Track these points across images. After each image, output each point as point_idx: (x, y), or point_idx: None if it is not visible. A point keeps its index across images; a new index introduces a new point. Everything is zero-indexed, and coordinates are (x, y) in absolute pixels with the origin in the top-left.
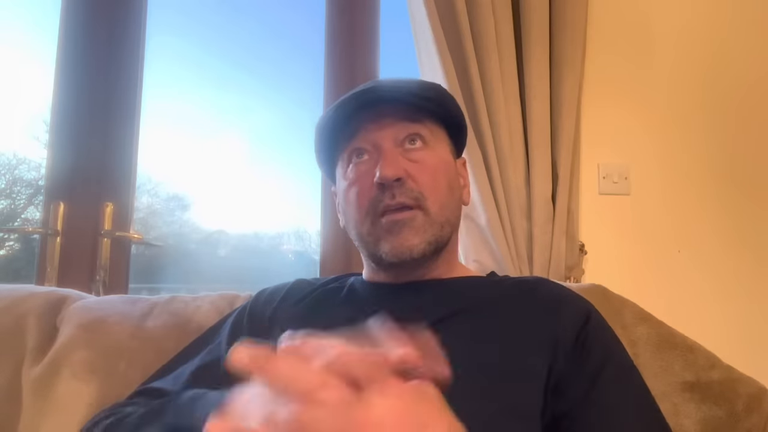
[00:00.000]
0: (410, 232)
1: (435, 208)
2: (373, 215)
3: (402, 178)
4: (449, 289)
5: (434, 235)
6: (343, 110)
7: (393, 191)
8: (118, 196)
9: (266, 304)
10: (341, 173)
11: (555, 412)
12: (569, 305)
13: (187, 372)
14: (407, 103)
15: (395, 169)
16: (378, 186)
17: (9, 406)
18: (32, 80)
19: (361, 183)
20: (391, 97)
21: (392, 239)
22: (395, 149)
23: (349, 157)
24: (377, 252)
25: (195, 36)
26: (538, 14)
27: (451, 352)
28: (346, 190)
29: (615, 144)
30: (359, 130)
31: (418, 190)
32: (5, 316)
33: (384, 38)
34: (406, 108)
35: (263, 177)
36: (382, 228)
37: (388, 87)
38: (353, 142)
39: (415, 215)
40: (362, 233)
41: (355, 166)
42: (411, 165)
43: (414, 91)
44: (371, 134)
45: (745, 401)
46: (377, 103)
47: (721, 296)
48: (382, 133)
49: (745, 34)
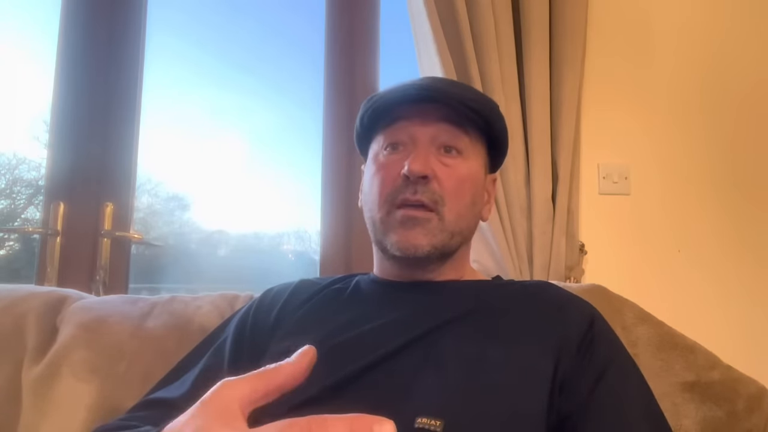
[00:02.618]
0: (421, 232)
1: (451, 216)
2: (390, 205)
3: (428, 177)
4: (455, 291)
5: (443, 241)
6: (400, 97)
7: (416, 187)
8: (118, 196)
9: (271, 305)
10: (372, 154)
11: (560, 413)
12: (573, 309)
13: (191, 378)
14: (458, 110)
15: (424, 165)
16: (403, 178)
17: (9, 406)
18: (32, 80)
19: (387, 170)
20: (446, 101)
21: (402, 233)
22: (431, 149)
23: (385, 144)
24: (384, 240)
25: (195, 36)
26: (538, 14)
27: (457, 354)
28: (372, 174)
29: (615, 144)
30: (402, 120)
31: (440, 194)
32: (5, 316)
33: (384, 39)
34: (455, 113)
35: (263, 177)
36: (396, 219)
37: (447, 86)
38: (393, 131)
39: (431, 218)
40: (375, 219)
41: (389, 153)
42: (441, 167)
43: (471, 97)
44: (412, 127)
45: (745, 401)
46: (432, 100)
47: (721, 296)
48: (423, 130)
49: (746, 35)
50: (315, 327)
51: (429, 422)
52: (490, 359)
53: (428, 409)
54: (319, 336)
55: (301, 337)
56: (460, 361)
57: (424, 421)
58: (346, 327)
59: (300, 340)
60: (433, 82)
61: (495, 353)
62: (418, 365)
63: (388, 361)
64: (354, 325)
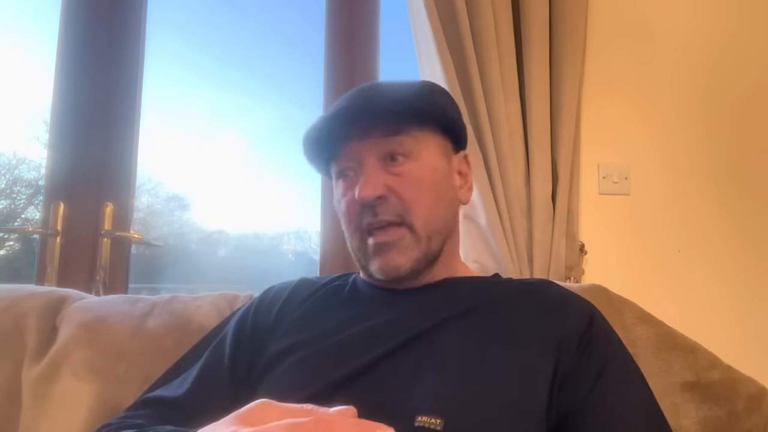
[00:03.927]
0: (397, 253)
1: (420, 223)
2: (360, 232)
3: (383, 196)
4: (454, 289)
5: (422, 251)
6: (328, 124)
7: (375, 209)
8: (118, 196)
9: (272, 304)
10: (333, 184)
11: (559, 412)
12: (573, 307)
13: (191, 377)
14: (391, 113)
15: (374, 187)
16: (359, 204)
17: (9, 406)
18: (32, 80)
19: (346, 199)
20: (373, 110)
21: (379, 260)
22: (377, 164)
23: (337, 174)
24: (368, 268)
25: (195, 36)
26: (538, 14)
27: (456, 352)
28: (337, 203)
29: (615, 144)
30: (344, 145)
31: (402, 206)
32: (5, 316)
33: (384, 39)
34: (390, 118)
35: (263, 177)
36: (370, 247)
37: (372, 97)
38: (339, 159)
39: (402, 235)
40: (353, 248)
41: (343, 181)
42: (393, 179)
43: (398, 98)
44: (354, 150)
45: (745, 401)
46: (360, 118)
47: (721, 296)
48: (365, 149)
49: (746, 34)
50: (314, 325)
51: (429, 421)
52: (490, 358)
53: (428, 408)
54: (318, 333)
55: (301, 335)
56: (459, 359)
57: (424, 419)
58: (346, 325)
59: (300, 338)
60: (362, 93)
61: (494, 352)
62: (417, 364)
63: (388, 360)
64: (354, 323)
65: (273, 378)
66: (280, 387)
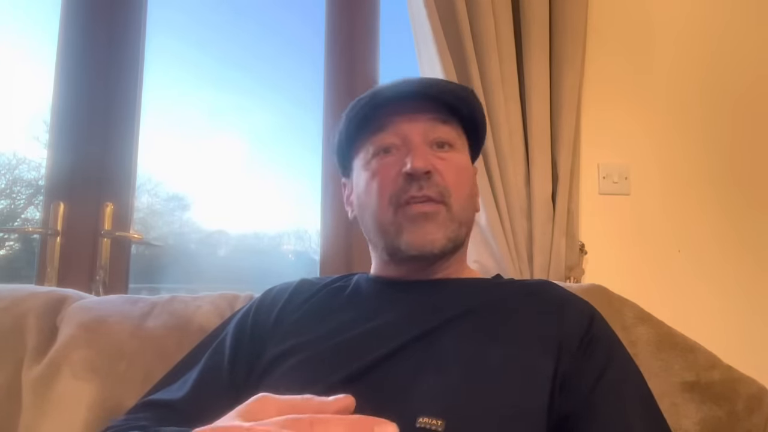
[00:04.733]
0: (434, 226)
1: (457, 207)
2: (396, 204)
3: (431, 172)
4: (455, 289)
5: (454, 232)
6: (376, 100)
7: (420, 183)
8: (118, 196)
9: (272, 305)
10: (361, 164)
11: (560, 413)
12: (573, 308)
13: (191, 380)
14: (441, 103)
15: (425, 162)
16: (405, 177)
17: (9, 405)
18: (32, 80)
19: (385, 173)
20: (425, 93)
21: (415, 230)
22: (425, 145)
23: (376, 150)
24: (397, 243)
25: (195, 36)
26: (538, 14)
27: (457, 353)
28: (368, 181)
29: (615, 144)
30: (389, 124)
31: (444, 186)
32: (5, 316)
33: (384, 39)
34: (440, 106)
35: (263, 177)
36: (406, 217)
37: (430, 84)
38: (382, 136)
39: (440, 210)
40: (383, 222)
41: (381, 158)
42: (439, 161)
43: (448, 89)
44: (401, 127)
45: (745, 401)
46: (412, 97)
47: (721, 296)
48: (413, 128)
49: (745, 35)
50: (315, 326)
51: (430, 422)
52: (491, 359)
53: (429, 409)
54: (319, 335)
55: (302, 336)
56: (460, 360)
57: (426, 420)
58: (347, 326)
59: (300, 339)
60: (408, 83)
61: (495, 352)
62: (418, 365)
63: (388, 361)
64: (354, 324)
65: (273, 380)
66: (281, 389)
